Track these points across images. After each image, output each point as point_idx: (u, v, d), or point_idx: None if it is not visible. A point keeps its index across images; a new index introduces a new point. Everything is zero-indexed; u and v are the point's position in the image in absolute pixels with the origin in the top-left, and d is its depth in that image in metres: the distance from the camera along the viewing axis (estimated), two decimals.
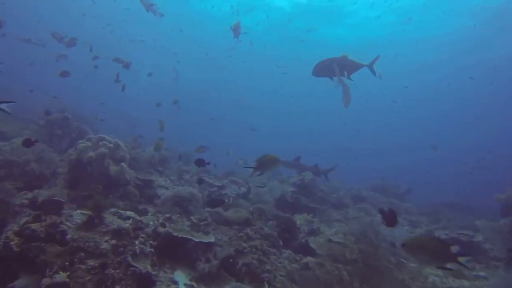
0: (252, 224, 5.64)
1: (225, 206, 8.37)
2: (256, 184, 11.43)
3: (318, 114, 37.78)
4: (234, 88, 35.53)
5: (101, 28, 19.84)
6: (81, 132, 8.65)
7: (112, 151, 6.03)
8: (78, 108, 12.40)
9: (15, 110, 10.78)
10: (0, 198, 4.57)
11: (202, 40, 27.03)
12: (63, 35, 8.30)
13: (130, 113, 18.63)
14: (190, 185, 9.21)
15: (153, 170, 8.32)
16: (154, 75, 18.79)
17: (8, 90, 14.52)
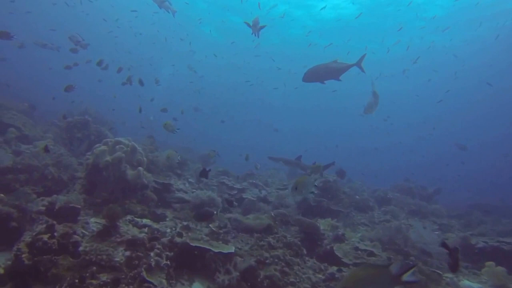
0: (274, 232, 5.31)
1: (245, 210, 8.14)
2: (277, 186, 11.11)
3: (342, 114, 37.13)
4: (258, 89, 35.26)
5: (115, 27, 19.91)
6: (100, 135, 8.59)
7: (128, 155, 5.86)
8: (99, 111, 12.43)
9: (40, 114, 10.93)
10: (17, 205, 4.45)
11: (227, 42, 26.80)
12: (80, 38, 8.26)
13: (148, 116, 18.67)
14: (210, 188, 9.01)
15: (172, 173, 8.14)
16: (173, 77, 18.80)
17: (34, 96, 14.88)
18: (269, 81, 29.58)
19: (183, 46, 25.66)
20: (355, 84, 22.20)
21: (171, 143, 13.01)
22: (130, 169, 5.84)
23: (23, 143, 8.50)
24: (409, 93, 30.87)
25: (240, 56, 29.09)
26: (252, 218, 5.66)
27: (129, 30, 23.06)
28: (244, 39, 23.97)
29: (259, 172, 12.05)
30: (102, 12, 21.94)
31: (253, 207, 8.36)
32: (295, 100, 38.96)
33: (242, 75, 28.26)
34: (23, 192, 5.45)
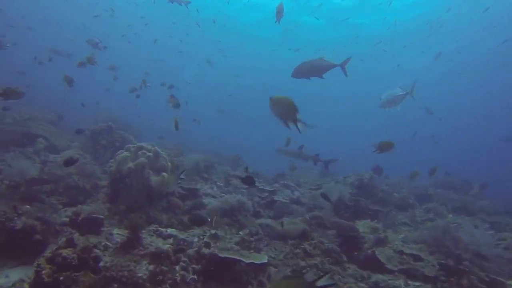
0: (310, 237, 4.88)
1: (277, 213, 7.74)
2: (309, 186, 10.61)
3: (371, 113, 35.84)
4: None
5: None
6: (125, 140, 8.50)
7: (152, 161, 5.63)
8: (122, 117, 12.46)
9: (68, 122, 11.04)
10: (40, 218, 4.31)
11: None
12: (98, 41, 8.21)
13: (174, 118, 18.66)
14: (239, 191, 8.69)
15: (198, 178, 7.89)
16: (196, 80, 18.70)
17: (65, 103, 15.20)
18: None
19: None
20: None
21: (197, 147, 12.84)
22: (154, 175, 5.61)
23: (51, 153, 8.59)
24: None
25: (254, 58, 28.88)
26: (286, 223, 5.24)
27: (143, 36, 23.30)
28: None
29: (290, 173, 11.61)
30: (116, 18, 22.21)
31: (286, 210, 7.95)
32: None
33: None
34: (49, 203, 5.37)
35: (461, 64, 24.95)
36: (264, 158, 12.51)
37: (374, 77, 28.49)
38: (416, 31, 22.52)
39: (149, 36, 22.47)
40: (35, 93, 14.34)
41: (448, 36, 22.48)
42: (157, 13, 22.52)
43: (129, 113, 13.31)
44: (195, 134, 17.42)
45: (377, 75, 28.20)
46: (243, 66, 30.99)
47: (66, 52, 11.15)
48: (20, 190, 5.44)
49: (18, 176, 5.41)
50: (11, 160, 5.75)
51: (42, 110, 11.12)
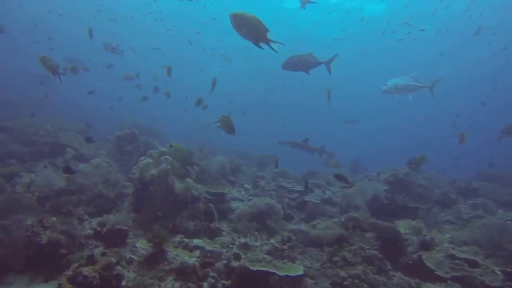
0: (348, 243, 4.45)
1: (309, 215, 7.35)
2: (341, 184, 10.10)
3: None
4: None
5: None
6: (148, 146, 8.42)
7: (175, 166, 5.41)
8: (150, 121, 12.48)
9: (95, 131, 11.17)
10: (65, 231, 4.18)
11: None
12: (115, 45, 8.18)
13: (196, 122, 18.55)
14: (267, 194, 8.36)
15: (225, 181, 7.63)
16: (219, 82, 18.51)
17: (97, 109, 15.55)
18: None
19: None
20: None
21: (223, 148, 12.65)
22: (178, 182, 5.39)
23: (80, 162, 8.67)
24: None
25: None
26: (321, 227, 4.84)
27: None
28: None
29: (320, 171, 11.14)
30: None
31: (318, 211, 7.54)
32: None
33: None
34: (76, 214, 5.29)
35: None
36: (289, 157, 12.10)
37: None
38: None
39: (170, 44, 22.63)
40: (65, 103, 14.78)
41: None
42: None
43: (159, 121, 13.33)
44: (219, 135, 17.27)
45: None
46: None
47: (80, 60, 11.37)
48: (49, 201, 5.41)
49: (47, 187, 5.37)
50: (40, 172, 5.74)
51: (71, 120, 11.36)
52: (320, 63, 6.49)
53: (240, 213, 6.37)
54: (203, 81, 23.90)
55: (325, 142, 10.01)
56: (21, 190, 5.86)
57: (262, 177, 9.97)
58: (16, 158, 7.50)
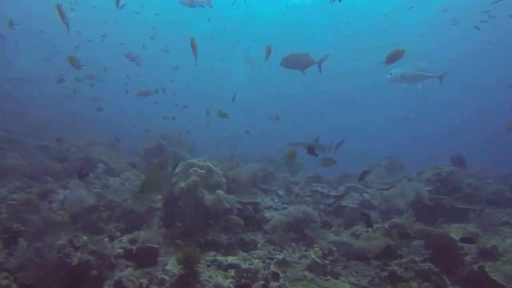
0: (397, 255, 4.02)
1: (347, 222, 6.92)
2: (378, 186, 9.54)
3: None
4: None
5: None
6: (177, 157, 8.33)
7: (204, 178, 5.23)
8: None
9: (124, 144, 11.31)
10: (95, 251, 4.09)
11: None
12: (135, 55, 8.23)
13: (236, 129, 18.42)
14: (302, 200, 8.03)
15: (257, 190, 7.38)
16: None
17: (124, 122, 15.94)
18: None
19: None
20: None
21: (253, 155, 12.44)
22: (208, 194, 5.20)
23: (111, 176, 8.78)
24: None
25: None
26: (364, 238, 4.44)
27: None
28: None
29: (353, 172, 10.64)
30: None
31: (356, 216, 7.09)
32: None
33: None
34: (108, 231, 5.25)
35: None
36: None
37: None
38: None
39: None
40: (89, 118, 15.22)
41: None
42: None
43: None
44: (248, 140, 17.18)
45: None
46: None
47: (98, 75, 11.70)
48: (80, 218, 5.41)
49: (78, 205, 5.38)
50: (71, 190, 5.77)
51: (101, 135, 11.63)
52: (314, 63, 6.90)
53: (275, 223, 6.08)
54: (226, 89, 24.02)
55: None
56: (56, 207, 5.95)
57: (296, 182, 9.64)
58: (52, 175, 7.68)
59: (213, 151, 13.18)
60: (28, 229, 3.96)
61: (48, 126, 14.03)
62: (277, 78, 28.81)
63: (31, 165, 7.71)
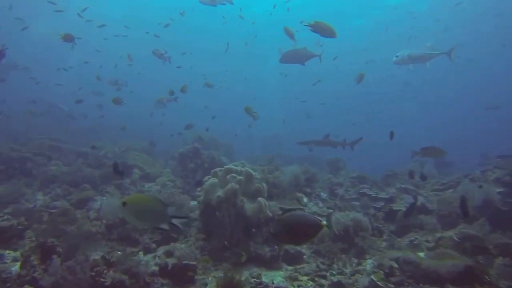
0: (481, 279, 3.33)
1: (402, 228, 6.22)
2: (432, 186, 8.63)
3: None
4: None
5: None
6: (213, 161, 8.04)
7: (243, 185, 4.81)
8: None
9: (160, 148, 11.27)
10: (128, 269, 3.82)
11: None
12: (163, 51, 7.98)
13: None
14: (349, 205, 7.40)
15: (300, 194, 6.87)
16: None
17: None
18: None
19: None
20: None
21: (292, 155, 11.92)
22: (249, 202, 4.78)
23: (146, 181, 8.69)
24: None
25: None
26: (433, 255, 3.78)
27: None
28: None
29: (399, 170, 9.78)
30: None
31: (412, 222, 6.38)
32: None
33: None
34: (143, 243, 5.01)
35: None
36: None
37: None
38: None
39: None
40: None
41: None
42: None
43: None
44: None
45: None
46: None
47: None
48: (116, 229, 5.23)
49: (112, 215, 5.20)
50: (105, 199, 5.63)
51: (136, 140, 11.68)
52: (314, 55, 7.42)
53: (321, 232, 5.52)
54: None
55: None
56: (93, 216, 5.85)
57: (339, 184, 9.00)
58: (90, 182, 7.69)
59: (250, 153, 12.83)
60: (63, 243, 3.77)
61: (88, 133, 14.45)
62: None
63: (71, 172, 7.76)
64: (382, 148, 24.03)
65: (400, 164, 10.92)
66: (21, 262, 3.62)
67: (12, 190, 6.69)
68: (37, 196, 7.11)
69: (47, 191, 7.36)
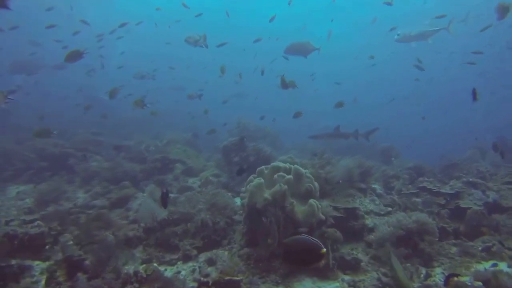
0: None
1: (471, 231, 5.26)
2: (503, 179, 7.36)
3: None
4: None
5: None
6: (259, 153, 7.46)
7: (292, 185, 4.17)
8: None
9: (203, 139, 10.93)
10: (166, 284, 3.37)
11: None
12: (197, 37, 7.38)
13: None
14: (409, 201, 6.48)
15: (354, 190, 6.07)
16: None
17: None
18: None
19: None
20: None
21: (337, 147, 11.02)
22: (299, 204, 4.13)
23: (189, 176, 8.35)
24: None
25: None
26: None
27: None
28: None
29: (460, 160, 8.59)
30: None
31: (483, 223, 5.41)
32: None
33: None
34: (183, 249, 4.56)
35: None
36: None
37: None
38: None
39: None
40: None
41: None
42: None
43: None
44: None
45: None
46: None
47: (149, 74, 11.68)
48: (154, 233, 4.86)
49: (149, 218, 4.82)
50: (143, 201, 5.28)
51: (178, 132, 11.44)
52: (315, 49, 8.09)
53: (381, 236, 4.84)
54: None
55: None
56: (132, 217, 5.56)
57: (396, 176, 8.05)
58: (130, 178, 7.48)
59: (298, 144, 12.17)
60: (91, 257, 3.40)
61: (130, 125, 14.52)
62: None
63: (111, 168, 7.60)
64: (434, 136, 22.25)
65: (455, 152, 9.88)
66: (46, 278, 3.29)
67: (54, 187, 6.62)
68: (78, 194, 7.04)
69: (88, 188, 7.25)
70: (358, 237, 5.14)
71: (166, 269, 4.12)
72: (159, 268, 4.02)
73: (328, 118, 19.38)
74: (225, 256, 4.20)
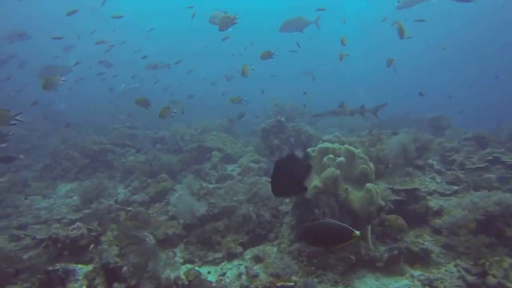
0: None
1: None
2: None
3: None
4: None
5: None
6: (300, 134, 6.90)
7: (345, 167, 3.60)
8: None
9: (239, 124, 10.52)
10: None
11: None
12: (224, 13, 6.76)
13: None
14: (480, 178, 5.62)
15: (412, 169, 5.34)
16: None
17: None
18: None
19: None
20: None
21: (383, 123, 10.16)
22: (355, 190, 3.56)
23: (228, 163, 8.01)
24: None
25: None
26: None
27: None
28: None
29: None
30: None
31: None
32: None
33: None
34: (226, 246, 4.18)
35: None
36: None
37: None
38: None
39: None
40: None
41: None
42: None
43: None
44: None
45: None
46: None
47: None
48: (194, 229, 4.52)
49: (188, 214, 4.48)
50: (180, 196, 4.97)
51: (212, 118, 11.12)
52: (310, 22, 8.18)
53: (453, 222, 4.14)
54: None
55: None
56: (171, 213, 5.29)
57: (455, 149, 7.11)
58: (167, 170, 7.27)
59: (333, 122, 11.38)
60: (128, 263, 3.09)
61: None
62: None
63: (148, 161, 7.43)
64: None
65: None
66: (86, 285, 3.04)
67: (97, 184, 6.55)
68: (119, 189, 6.94)
69: (128, 183, 7.14)
70: (421, 222, 4.50)
71: (209, 271, 3.76)
72: (202, 269, 3.68)
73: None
74: (273, 252, 3.77)
